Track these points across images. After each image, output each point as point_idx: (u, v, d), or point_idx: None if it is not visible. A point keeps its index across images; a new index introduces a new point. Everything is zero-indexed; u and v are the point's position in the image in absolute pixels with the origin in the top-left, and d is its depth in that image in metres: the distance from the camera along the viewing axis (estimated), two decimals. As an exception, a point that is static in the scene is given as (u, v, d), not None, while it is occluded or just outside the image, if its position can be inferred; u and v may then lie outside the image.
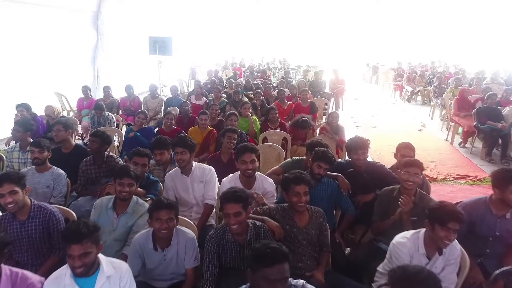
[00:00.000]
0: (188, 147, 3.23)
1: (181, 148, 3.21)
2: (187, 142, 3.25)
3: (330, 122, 5.50)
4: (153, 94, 7.74)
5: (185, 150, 3.20)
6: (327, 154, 3.11)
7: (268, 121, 5.71)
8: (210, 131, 5.10)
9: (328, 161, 3.10)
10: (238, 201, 2.32)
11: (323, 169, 3.11)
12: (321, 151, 3.13)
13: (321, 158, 3.09)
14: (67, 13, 9.22)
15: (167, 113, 5.23)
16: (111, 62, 11.23)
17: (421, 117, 10.53)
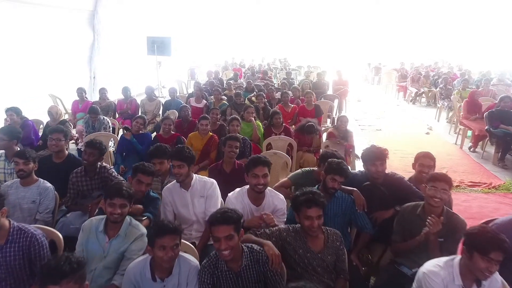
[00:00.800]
0: (186, 159, 2.91)
1: (178, 161, 2.89)
2: (184, 154, 2.92)
3: (338, 127, 5.21)
4: (150, 96, 7.43)
5: (182, 163, 2.89)
6: (342, 167, 2.81)
7: (272, 126, 5.41)
8: (211, 137, 4.79)
9: (343, 174, 2.81)
10: (229, 223, 2.04)
11: (337, 182, 2.82)
12: (336, 163, 2.83)
13: (336, 171, 2.79)
14: (62, 12, 8.90)
15: (165, 118, 4.92)
16: (108, 62, 10.91)
17: (427, 119, 10.24)
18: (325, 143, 5.11)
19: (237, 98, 7.03)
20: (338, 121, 5.21)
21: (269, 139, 5.04)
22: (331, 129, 5.31)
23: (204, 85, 10.51)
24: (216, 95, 7.26)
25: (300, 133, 5.31)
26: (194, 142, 4.78)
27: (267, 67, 16.60)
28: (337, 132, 5.21)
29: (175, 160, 2.90)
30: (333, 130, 5.29)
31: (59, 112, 5.75)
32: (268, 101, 7.78)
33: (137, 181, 2.79)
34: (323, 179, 2.90)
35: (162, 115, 7.29)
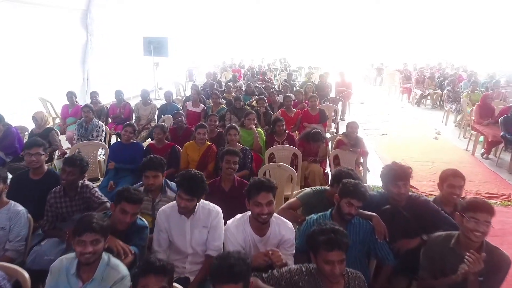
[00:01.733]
0: (196, 193, 2.49)
1: (186, 194, 2.44)
2: (196, 186, 2.48)
3: (348, 134, 4.80)
4: (145, 100, 7.01)
5: (193, 198, 2.48)
6: (360, 189, 2.41)
7: (274, 133, 5.00)
8: (209, 146, 4.39)
9: (361, 198, 2.41)
10: (238, 281, 1.66)
11: (354, 207, 2.41)
12: (352, 184, 2.43)
13: (353, 194, 2.39)
14: (52, 11, 8.49)
15: (155, 126, 4.50)
16: (102, 64, 10.50)
17: (433, 122, 9.85)
18: (334, 152, 4.71)
19: (237, 102, 6.62)
20: (348, 128, 4.81)
21: (271, 149, 4.63)
22: (341, 136, 4.90)
23: (202, 88, 10.13)
24: (214, 99, 6.85)
25: (305, 141, 4.92)
26: (190, 152, 4.38)
27: (267, 68, 16.20)
28: (347, 140, 4.80)
29: (184, 192, 2.46)
30: (342, 137, 4.88)
31: (44, 119, 5.33)
32: (270, 105, 7.37)
33: (120, 210, 2.35)
34: (337, 203, 2.50)
35: (158, 120, 6.90)
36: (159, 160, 2.99)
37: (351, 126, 4.78)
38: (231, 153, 3.22)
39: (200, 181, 2.57)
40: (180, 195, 2.49)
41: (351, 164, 4.67)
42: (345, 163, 4.65)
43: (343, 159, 4.65)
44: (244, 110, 6.64)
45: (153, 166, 2.97)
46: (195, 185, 2.51)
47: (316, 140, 4.70)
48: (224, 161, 3.19)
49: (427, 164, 6.56)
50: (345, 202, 2.43)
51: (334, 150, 4.73)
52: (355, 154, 4.70)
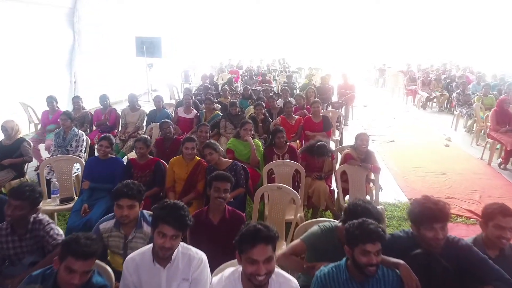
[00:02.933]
0: (181, 226, 2.01)
1: (174, 229, 1.96)
2: (184, 217, 2.03)
3: (358, 147, 4.23)
4: (133, 105, 6.43)
5: (180, 233, 2.00)
6: (369, 228, 1.84)
7: (274, 145, 4.43)
8: (198, 162, 3.81)
9: (377, 239, 1.84)
10: None
11: (373, 254, 1.84)
12: (357, 226, 1.87)
13: (364, 238, 1.82)
14: (35, 9, 7.90)
15: (137, 139, 3.91)
16: (91, 66, 9.92)
17: (442, 127, 9.29)
18: (342, 167, 4.13)
19: (232, 108, 6.04)
20: (357, 140, 4.23)
21: (271, 165, 4.06)
22: (349, 150, 4.33)
23: (197, 90, 9.56)
24: (207, 105, 6.27)
25: (308, 155, 4.35)
26: (177, 169, 3.80)
27: (266, 69, 15.62)
28: (356, 154, 4.23)
29: (166, 224, 1.96)
30: (351, 151, 4.30)
31: (16, 128, 4.75)
32: (268, 110, 6.81)
33: (66, 268, 1.76)
34: (350, 255, 1.92)
35: (147, 127, 6.32)
36: (137, 186, 2.43)
37: (361, 139, 4.21)
38: (222, 179, 2.64)
39: (187, 212, 2.07)
40: (163, 232, 1.95)
41: (361, 181, 4.12)
42: (354, 180, 4.10)
43: (352, 175, 4.09)
44: (241, 117, 6.10)
45: (129, 193, 2.40)
46: (184, 215, 2.02)
47: (321, 155, 4.14)
48: (212, 189, 2.61)
49: (441, 176, 5.99)
50: (359, 252, 1.86)
51: (342, 165, 4.16)
52: (365, 170, 4.13)
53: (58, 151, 4.85)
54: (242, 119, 6.02)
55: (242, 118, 6.07)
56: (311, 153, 4.32)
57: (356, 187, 4.06)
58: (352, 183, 4.06)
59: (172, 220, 1.97)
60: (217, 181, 2.61)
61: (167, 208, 2.02)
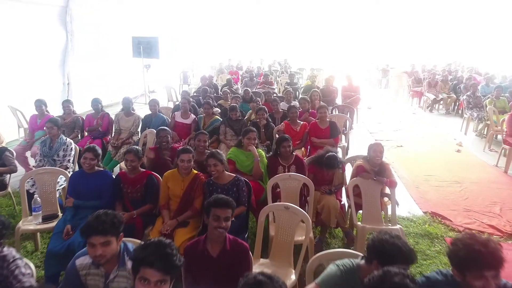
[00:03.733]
0: (168, 269, 1.66)
1: (158, 273, 1.63)
2: (173, 258, 1.69)
3: (371, 159, 3.83)
4: (128, 110, 6.04)
5: (165, 277, 1.67)
6: (402, 284, 1.46)
7: (279, 155, 4.05)
8: (195, 177, 3.42)
9: None
10: None
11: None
12: (390, 278, 1.48)
13: None
14: (25, 8, 7.51)
15: (127, 151, 3.50)
16: (86, 67, 9.54)
17: (451, 131, 8.91)
18: (354, 181, 3.74)
19: (232, 113, 5.66)
20: (371, 151, 3.84)
21: (276, 178, 3.67)
22: (361, 162, 3.94)
23: (195, 93, 9.17)
24: (206, 109, 5.87)
25: (316, 166, 3.96)
26: (171, 184, 3.41)
27: (267, 70, 15.23)
28: (369, 166, 3.84)
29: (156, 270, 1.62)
30: (363, 163, 3.91)
31: (0, 140, 4.37)
32: (271, 114, 6.42)
33: None
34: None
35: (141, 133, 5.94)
36: (111, 218, 2.01)
37: (375, 150, 3.81)
38: (222, 205, 2.24)
39: (175, 250, 1.71)
40: (145, 277, 1.61)
41: (375, 196, 3.73)
42: (368, 195, 3.71)
43: (365, 190, 3.70)
44: (242, 122, 5.72)
45: (100, 229, 1.98)
46: (171, 254, 1.67)
47: (331, 167, 3.76)
48: (211, 217, 2.22)
49: (455, 185, 5.61)
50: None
51: (354, 179, 3.76)
52: (380, 185, 3.74)
53: (44, 161, 4.47)
54: (243, 124, 5.67)
55: (243, 123, 5.70)
56: (320, 165, 3.94)
57: (370, 202, 3.67)
58: (365, 198, 3.68)
59: (157, 262, 1.62)
60: (217, 208, 2.21)
61: (150, 247, 1.66)
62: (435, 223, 4.41)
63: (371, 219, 3.61)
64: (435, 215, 4.58)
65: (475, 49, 17.24)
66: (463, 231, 4.21)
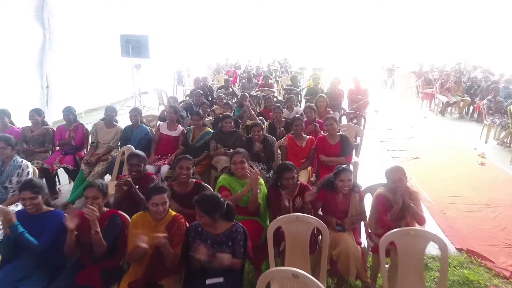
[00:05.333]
0: None
1: None
2: None
3: (393, 188, 3.01)
4: (110, 121, 5.19)
5: None
6: None
7: (281, 186, 3.22)
8: (173, 220, 2.60)
9: None
10: None
11: None
12: None
13: None
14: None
15: (88, 185, 2.68)
16: (68, 67, 8.70)
17: (469, 139, 8.09)
18: (388, 237, 2.73)
19: (225, 124, 4.82)
20: (389, 180, 3.03)
21: (278, 221, 2.83)
22: (382, 191, 3.12)
23: (188, 97, 8.33)
24: (195, 121, 5.02)
25: (327, 190, 3.17)
26: (142, 230, 2.58)
27: (266, 70, 14.37)
28: (392, 196, 3.01)
29: None
30: (385, 192, 3.10)
31: None
32: (271, 124, 5.61)
33: None
34: None
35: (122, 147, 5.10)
36: None
37: (394, 179, 3.01)
38: None
39: None
40: None
41: (417, 258, 2.88)
42: (407, 255, 2.82)
43: (403, 249, 2.78)
44: (236, 135, 4.89)
45: None
46: None
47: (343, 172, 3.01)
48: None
49: (487, 210, 4.79)
50: None
51: (389, 234, 2.79)
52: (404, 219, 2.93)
53: (-6, 187, 3.66)
54: (238, 138, 4.84)
55: (238, 136, 4.87)
56: (331, 188, 3.16)
57: (410, 265, 2.68)
58: (403, 259, 2.69)
59: None
60: None
61: None
62: (474, 266, 3.59)
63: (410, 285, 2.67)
64: (472, 254, 3.76)
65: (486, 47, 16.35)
66: (510, 276, 3.40)
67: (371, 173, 5.81)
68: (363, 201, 3.27)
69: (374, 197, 3.21)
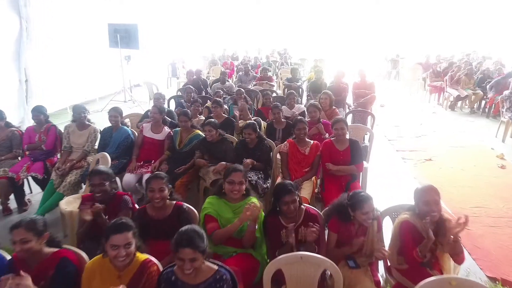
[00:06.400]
0: None
1: None
2: None
3: (424, 214, 2.39)
4: (81, 121, 4.54)
5: None
6: None
7: (280, 214, 2.59)
8: (142, 266, 1.99)
9: None
10: None
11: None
12: None
13: None
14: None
15: (13, 226, 2.03)
16: (49, 59, 8.02)
17: (484, 137, 7.46)
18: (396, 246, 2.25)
19: (205, 133, 4.11)
20: (420, 202, 2.43)
21: (279, 262, 2.21)
22: (408, 216, 2.50)
23: (179, 91, 7.66)
24: (183, 122, 4.36)
25: (338, 220, 2.56)
26: (98, 283, 1.97)
27: (265, 61, 13.65)
28: (420, 224, 2.41)
29: None
30: (410, 218, 2.48)
31: None
32: (270, 124, 4.97)
33: None
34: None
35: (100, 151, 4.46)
36: None
37: (427, 201, 2.40)
38: None
39: None
40: None
41: None
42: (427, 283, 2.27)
43: None
44: (225, 145, 4.21)
45: None
46: None
47: (361, 203, 2.40)
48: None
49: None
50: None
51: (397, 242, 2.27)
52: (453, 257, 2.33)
53: None
54: (228, 148, 4.20)
55: (228, 146, 4.22)
56: (343, 217, 2.54)
57: None
58: None
59: None
60: None
61: None
62: (511, 301, 3.00)
63: None
64: (509, 286, 3.17)
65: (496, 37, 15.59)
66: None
67: (380, 178, 5.23)
68: (381, 231, 2.65)
69: (398, 224, 2.57)
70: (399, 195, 4.69)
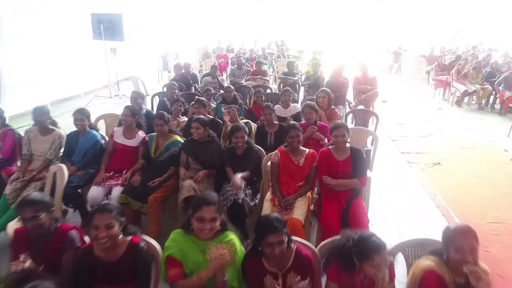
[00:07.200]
0: None
1: None
2: None
3: (457, 263, 1.83)
4: (43, 125, 3.94)
5: None
6: None
7: (263, 255, 2.02)
8: None
9: None
10: None
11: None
12: None
13: None
14: None
15: None
16: (24, 53, 7.40)
17: (496, 137, 6.90)
18: None
19: (193, 131, 3.57)
20: (451, 248, 1.86)
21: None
22: (433, 265, 1.91)
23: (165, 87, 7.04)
24: (159, 127, 3.76)
25: (340, 266, 1.99)
26: None
27: (261, 54, 12.99)
28: (449, 275, 1.85)
29: None
30: (437, 268, 1.90)
31: None
32: (261, 126, 4.38)
33: None
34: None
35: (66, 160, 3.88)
36: None
37: (462, 247, 1.84)
38: None
39: None
40: None
41: None
42: None
43: None
44: (214, 147, 3.67)
45: None
46: None
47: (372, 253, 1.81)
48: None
49: (543, 244, 3.65)
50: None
51: None
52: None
53: None
54: (216, 151, 3.64)
55: (216, 149, 3.66)
56: (347, 263, 1.96)
57: None
58: None
59: None
60: None
61: None
62: None
63: None
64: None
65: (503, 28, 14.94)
66: None
67: (384, 188, 4.66)
68: (394, 281, 2.07)
69: (419, 273, 1.95)
70: (406, 209, 4.15)
